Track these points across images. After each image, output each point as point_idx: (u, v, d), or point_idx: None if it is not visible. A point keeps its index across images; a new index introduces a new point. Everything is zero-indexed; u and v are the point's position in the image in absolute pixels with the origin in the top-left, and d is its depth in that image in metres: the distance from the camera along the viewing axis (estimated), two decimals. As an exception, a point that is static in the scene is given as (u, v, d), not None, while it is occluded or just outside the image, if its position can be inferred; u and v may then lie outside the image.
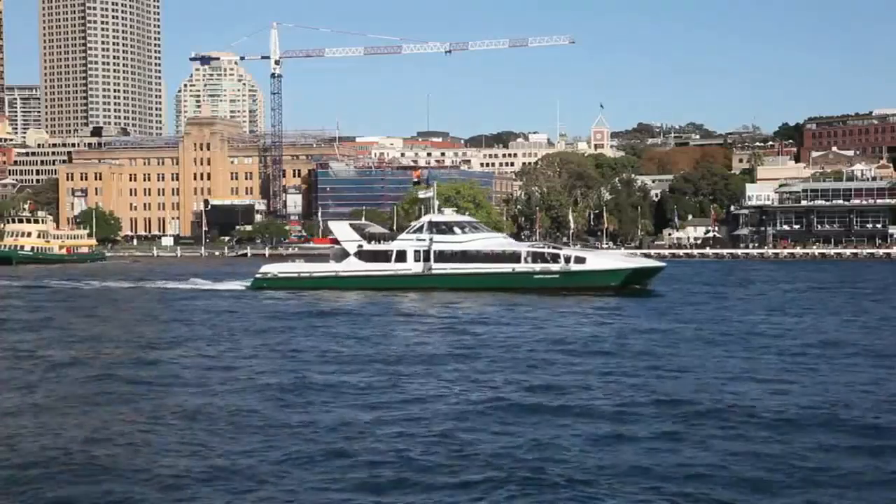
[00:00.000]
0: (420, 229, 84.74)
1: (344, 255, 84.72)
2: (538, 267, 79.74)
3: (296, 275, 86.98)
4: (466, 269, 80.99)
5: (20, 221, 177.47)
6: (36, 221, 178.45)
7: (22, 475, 22.01)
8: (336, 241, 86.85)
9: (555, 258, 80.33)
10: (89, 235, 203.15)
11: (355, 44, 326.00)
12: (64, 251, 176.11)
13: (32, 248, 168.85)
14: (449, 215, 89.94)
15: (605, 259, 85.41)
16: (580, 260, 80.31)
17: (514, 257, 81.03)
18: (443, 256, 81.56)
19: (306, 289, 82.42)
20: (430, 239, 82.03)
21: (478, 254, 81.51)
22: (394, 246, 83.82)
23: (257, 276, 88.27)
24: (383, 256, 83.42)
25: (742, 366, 37.45)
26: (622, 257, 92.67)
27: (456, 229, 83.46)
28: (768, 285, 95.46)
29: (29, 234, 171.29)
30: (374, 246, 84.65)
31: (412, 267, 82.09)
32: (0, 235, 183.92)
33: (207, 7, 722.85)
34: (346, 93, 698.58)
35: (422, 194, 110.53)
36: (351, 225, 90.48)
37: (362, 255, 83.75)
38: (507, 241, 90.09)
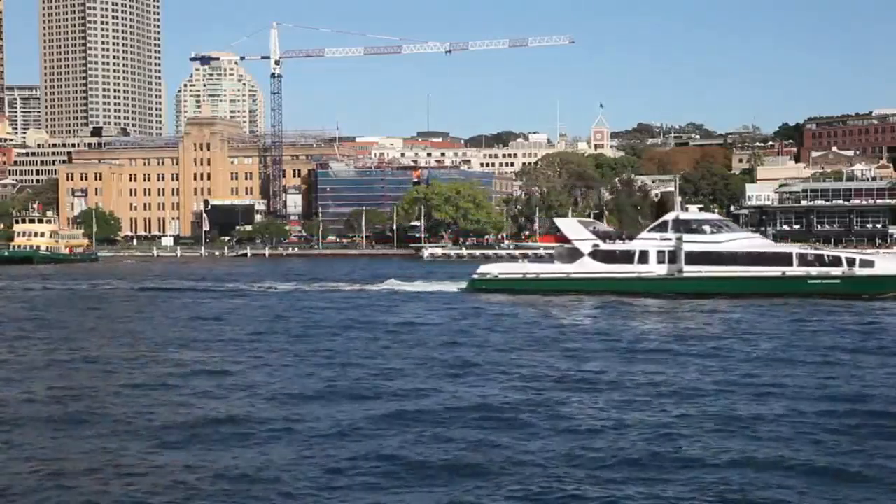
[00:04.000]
0: (662, 227, 75.59)
1: (574, 254, 76.22)
2: (814, 271, 70.77)
3: (520, 276, 78.47)
4: (725, 273, 72.14)
5: (31, 221, 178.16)
6: (48, 222, 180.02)
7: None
8: (562, 240, 78.41)
9: (835, 261, 71.59)
10: (84, 235, 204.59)
11: (355, 44, 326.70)
12: (67, 251, 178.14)
13: (47, 248, 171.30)
14: (696, 212, 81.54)
15: None
16: (867, 263, 71.05)
17: (784, 259, 72.22)
18: (694, 258, 72.51)
19: (532, 292, 74.76)
20: (679, 238, 73.10)
21: (738, 255, 72.43)
22: (636, 245, 75.41)
23: (474, 276, 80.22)
24: (623, 257, 74.73)
25: None
26: None
27: (706, 227, 74.62)
28: None
29: (42, 235, 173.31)
30: (612, 245, 76.37)
31: (655, 269, 73.86)
32: (8, 236, 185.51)
33: (207, 7, 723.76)
34: (346, 93, 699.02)
35: (660, 189, 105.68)
36: (580, 222, 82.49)
37: (597, 255, 75.13)
38: (765, 241, 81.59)
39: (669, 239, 73.62)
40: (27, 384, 34.26)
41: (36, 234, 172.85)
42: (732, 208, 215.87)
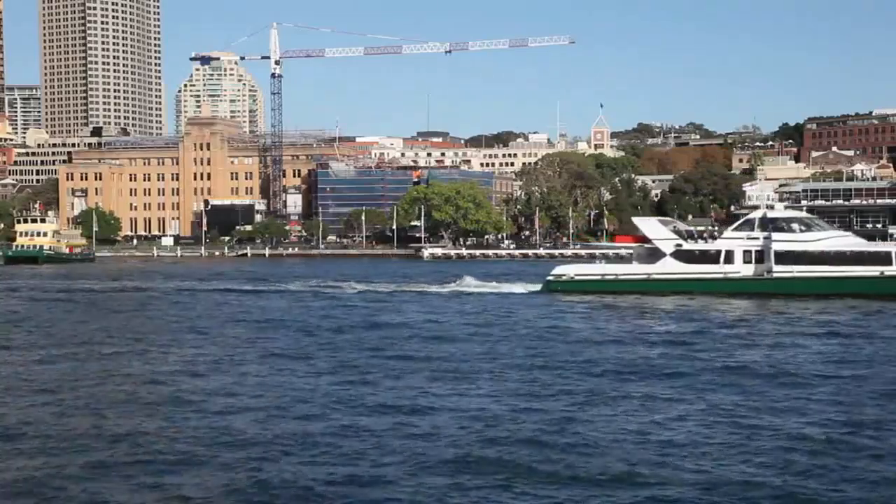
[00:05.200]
0: (748, 226, 72.68)
1: (655, 254, 73.62)
2: None
3: (598, 277, 75.38)
4: (819, 273, 68.91)
5: (33, 221, 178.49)
6: (49, 222, 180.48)
7: None
8: (641, 240, 75.87)
9: None
10: (82, 235, 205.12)
11: (355, 44, 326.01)
12: (68, 250, 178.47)
13: (50, 248, 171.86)
14: (783, 210, 78.54)
15: None
16: None
17: (882, 259, 68.76)
18: (784, 257, 69.44)
19: (610, 293, 71.92)
20: (767, 237, 70.20)
21: (832, 255, 69.30)
22: (721, 245, 72.29)
23: (549, 278, 76.94)
24: (708, 257, 71.82)
25: None
26: None
27: (794, 226, 71.42)
28: None
29: (45, 234, 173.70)
30: (696, 245, 73.22)
31: (741, 269, 70.98)
32: (8, 236, 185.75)
33: (207, 7, 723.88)
34: (346, 93, 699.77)
35: (746, 187, 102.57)
36: (660, 221, 79.73)
37: (680, 255, 72.31)
38: (858, 239, 77.77)
39: (756, 238, 71.01)
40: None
41: (39, 234, 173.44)
42: (732, 208, 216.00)
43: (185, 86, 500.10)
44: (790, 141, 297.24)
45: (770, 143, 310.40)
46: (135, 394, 32.51)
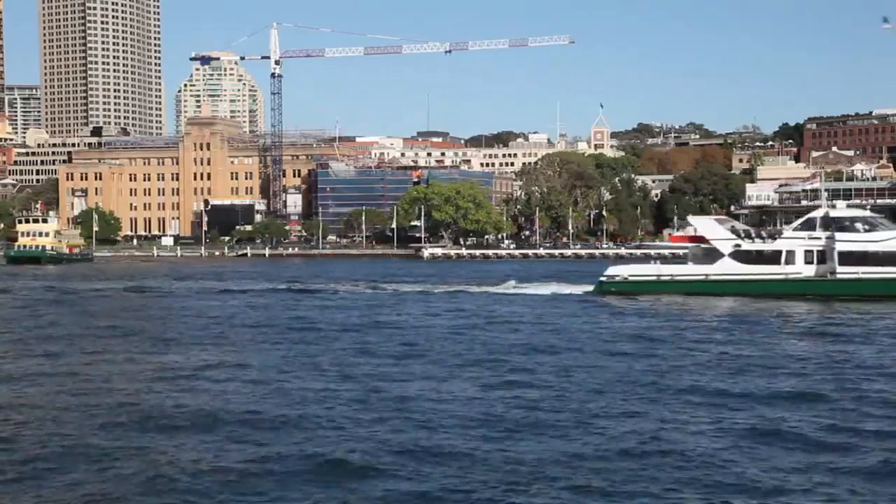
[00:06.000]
0: (809, 225, 70.60)
1: (712, 255, 71.64)
2: None
3: (654, 278, 73.32)
4: (885, 274, 66.50)
5: (35, 221, 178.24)
6: (52, 222, 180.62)
7: None
8: (696, 240, 74.14)
9: None
10: (81, 234, 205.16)
11: (355, 44, 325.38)
12: (68, 250, 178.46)
13: (52, 248, 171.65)
14: (845, 209, 75.64)
15: None
16: None
17: None
18: (848, 258, 67.17)
19: (666, 294, 70.08)
20: (830, 237, 68.17)
21: None
22: (781, 245, 69.89)
23: (602, 279, 74.68)
24: (768, 257, 69.58)
25: None
26: None
27: (858, 225, 68.98)
28: None
29: (47, 234, 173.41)
30: (755, 245, 70.67)
31: (802, 270, 68.83)
32: (9, 236, 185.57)
33: (207, 7, 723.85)
34: (346, 93, 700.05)
35: (807, 186, 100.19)
36: (716, 220, 77.82)
37: (739, 255, 70.17)
38: None
39: (818, 238, 68.89)
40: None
41: (40, 234, 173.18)
42: (733, 208, 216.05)
43: (185, 86, 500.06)
44: (790, 141, 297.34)
45: (770, 143, 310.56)
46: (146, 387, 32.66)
